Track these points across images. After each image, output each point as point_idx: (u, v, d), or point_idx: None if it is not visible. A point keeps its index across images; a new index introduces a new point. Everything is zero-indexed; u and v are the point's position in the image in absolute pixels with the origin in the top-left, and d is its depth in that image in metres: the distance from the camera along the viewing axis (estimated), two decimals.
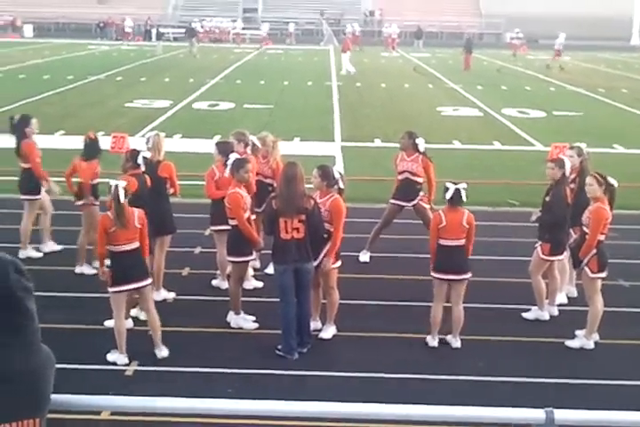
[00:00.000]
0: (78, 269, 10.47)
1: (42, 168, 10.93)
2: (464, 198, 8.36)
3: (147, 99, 27.50)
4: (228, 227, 9.04)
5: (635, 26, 71.00)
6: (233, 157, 9.00)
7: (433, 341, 8.53)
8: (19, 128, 10.95)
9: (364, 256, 11.27)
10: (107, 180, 8.46)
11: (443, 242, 8.39)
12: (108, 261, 8.08)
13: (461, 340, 8.59)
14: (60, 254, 11.20)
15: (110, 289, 7.96)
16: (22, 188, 11.09)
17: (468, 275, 8.45)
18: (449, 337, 8.56)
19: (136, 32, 62.06)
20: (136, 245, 7.93)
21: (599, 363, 8.31)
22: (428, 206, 11.00)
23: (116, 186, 7.83)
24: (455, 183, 8.42)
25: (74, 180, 10.51)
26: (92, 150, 10.43)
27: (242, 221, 8.63)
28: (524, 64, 46.14)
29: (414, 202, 11.11)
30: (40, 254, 11.11)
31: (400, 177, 11.12)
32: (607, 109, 28.09)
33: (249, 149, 10.19)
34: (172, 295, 9.63)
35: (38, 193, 11.03)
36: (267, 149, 10.32)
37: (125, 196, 7.83)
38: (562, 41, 47.54)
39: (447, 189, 8.39)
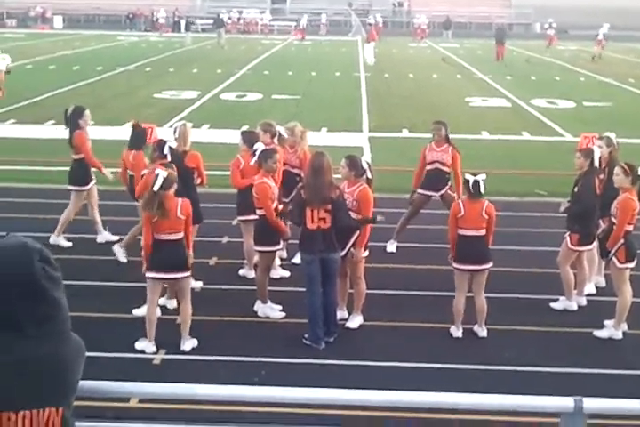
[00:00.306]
0: (122, 258, 10.50)
1: (92, 157, 11.07)
2: (482, 190, 8.31)
3: (175, 90, 27.60)
4: (255, 217, 9.07)
5: None
6: (259, 147, 9.02)
7: (457, 331, 8.51)
8: (72, 120, 11.08)
9: (392, 246, 11.26)
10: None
11: (462, 232, 8.36)
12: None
13: (489, 329, 8.56)
14: (93, 244, 11.27)
15: (146, 274, 8.00)
16: (71, 178, 11.24)
17: (489, 265, 8.41)
18: (475, 327, 8.54)
19: (166, 24, 62.28)
20: (179, 236, 7.91)
21: (628, 353, 8.26)
22: (455, 195, 10.96)
23: (157, 175, 7.83)
24: (475, 175, 8.37)
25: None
26: (138, 140, 10.43)
27: (270, 212, 8.65)
28: (554, 54, 45.76)
29: (442, 191, 11.09)
30: (69, 244, 11.20)
31: (430, 167, 11.08)
32: (638, 100, 27.80)
33: (276, 140, 10.21)
34: (199, 284, 9.67)
35: (86, 184, 11.17)
36: (295, 139, 10.33)
37: (164, 186, 7.78)
38: (605, 31, 46.53)
39: (467, 180, 8.35)
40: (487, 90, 29.52)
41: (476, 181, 8.28)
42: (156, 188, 7.80)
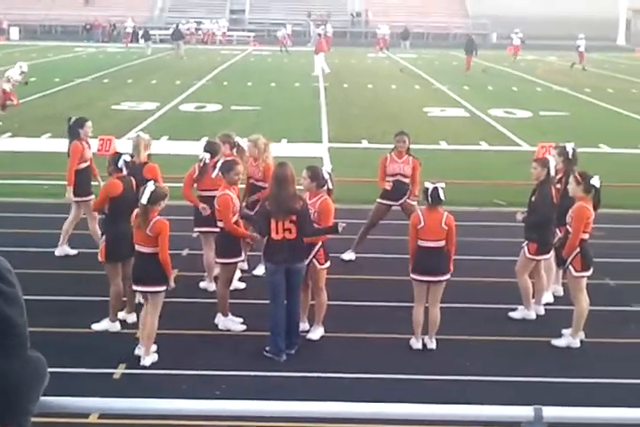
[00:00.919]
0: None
1: (72, 172, 10.92)
2: (442, 198, 8.35)
3: (133, 101, 27.47)
4: (214, 229, 9.07)
5: (620, 26, 71.32)
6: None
7: (417, 343, 8.52)
8: (72, 130, 11.09)
9: (349, 255, 11.30)
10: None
11: (422, 243, 8.38)
12: None
13: (449, 340, 8.62)
14: (52, 257, 11.18)
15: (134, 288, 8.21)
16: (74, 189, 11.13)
17: (446, 277, 8.43)
18: (425, 338, 8.54)
19: (122, 34, 61.98)
20: (150, 250, 7.89)
21: (585, 361, 8.36)
22: (415, 203, 11.06)
23: (144, 188, 7.88)
24: (433, 183, 8.42)
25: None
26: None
27: (229, 224, 8.64)
28: (511, 65, 46.26)
29: (402, 201, 11.17)
30: (75, 252, 11.25)
31: (391, 179, 11.13)
32: (593, 109, 28.21)
33: (235, 151, 10.24)
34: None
35: (86, 195, 11.09)
36: (258, 151, 10.29)
37: (150, 200, 7.78)
38: (583, 42, 46.43)
39: (426, 188, 8.39)
40: (445, 100, 29.77)
41: (435, 189, 8.32)
42: (144, 201, 7.82)
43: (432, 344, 8.50)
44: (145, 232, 7.86)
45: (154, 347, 8.08)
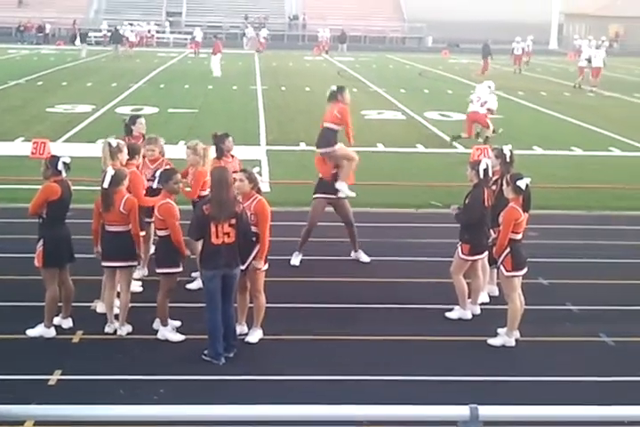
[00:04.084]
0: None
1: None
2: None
3: (69, 104, 27.11)
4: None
5: (553, 30, 72.65)
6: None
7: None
8: (127, 128, 11.04)
9: (296, 259, 11.26)
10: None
11: None
12: None
13: (387, 340, 8.69)
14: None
15: (103, 263, 8.76)
16: None
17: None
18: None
19: (57, 36, 61.17)
20: (121, 228, 8.58)
21: (521, 360, 8.49)
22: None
23: (105, 172, 8.56)
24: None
25: None
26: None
27: (176, 231, 8.57)
28: (445, 68, 46.76)
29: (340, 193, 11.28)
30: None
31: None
32: (527, 112, 28.66)
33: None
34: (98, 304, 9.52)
35: None
36: (197, 157, 10.08)
37: (112, 182, 8.46)
38: (530, 43, 46.26)
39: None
40: (382, 103, 29.97)
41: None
42: (105, 185, 8.48)
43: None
44: (118, 211, 8.52)
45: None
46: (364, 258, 11.45)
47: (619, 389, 7.82)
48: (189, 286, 10.04)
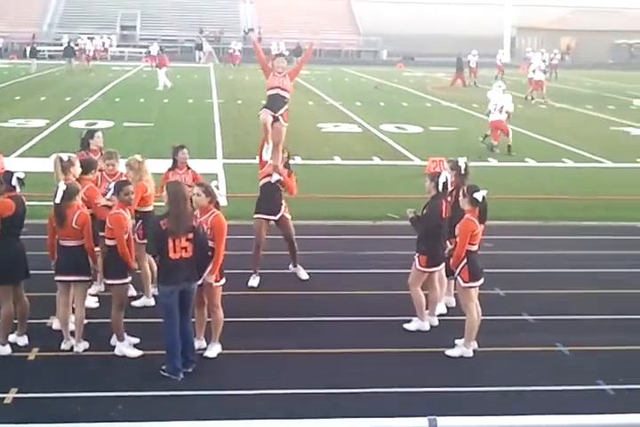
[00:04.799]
0: None
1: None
2: None
3: (22, 118, 26.83)
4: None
5: (505, 43, 73.57)
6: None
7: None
8: (84, 142, 10.99)
9: (254, 281, 10.96)
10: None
11: None
12: None
13: (346, 353, 8.70)
14: None
15: (56, 278, 8.71)
16: None
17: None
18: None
19: (9, 50, 60.61)
20: (74, 243, 8.52)
21: (479, 370, 8.55)
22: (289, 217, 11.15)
23: (57, 187, 8.52)
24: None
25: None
26: None
27: (122, 243, 8.52)
28: (400, 81, 47.11)
29: (280, 214, 11.06)
30: None
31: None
32: (481, 124, 28.92)
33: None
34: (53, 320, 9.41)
35: None
36: (134, 173, 9.90)
37: (65, 197, 8.43)
38: (475, 58, 46.89)
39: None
40: (338, 116, 30.10)
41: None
42: (57, 200, 8.44)
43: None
44: (71, 226, 8.46)
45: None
46: (303, 274, 11.20)
47: (576, 398, 7.90)
48: (134, 303, 9.94)
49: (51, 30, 70.60)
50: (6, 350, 8.50)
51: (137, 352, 8.61)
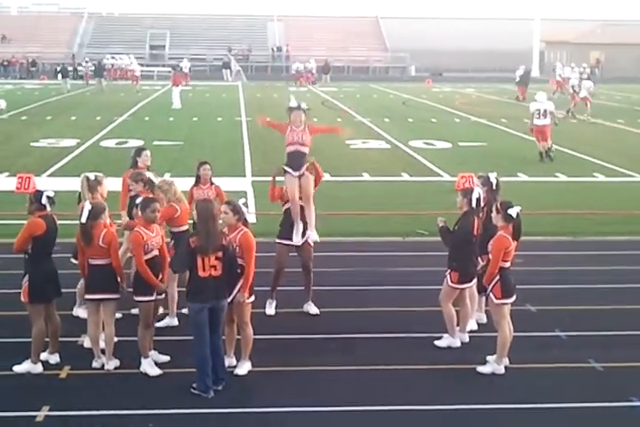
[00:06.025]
0: None
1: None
2: None
3: (53, 138, 27.14)
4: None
5: (534, 58, 73.41)
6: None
7: None
8: (133, 160, 11.32)
9: (270, 308, 10.55)
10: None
11: None
12: None
13: (377, 369, 8.65)
14: None
15: (86, 296, 8.78)
16: None
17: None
18: None
19: (40, 71, 61.40)
20: (103, 261, 8.58)
21: (511, 387, 8.47)
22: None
23: (82, 208, 8.63)
24: None
25: None
26: None
27: (139, 261, 8.54)
28: (429, 96, 47.10)
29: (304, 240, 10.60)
30: None
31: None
32: (509, 139, 28.87)
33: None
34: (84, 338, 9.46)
35: None
36: (166, 196, 9.86)
37: (90, 217, 8.50)
38: (521, 73, 46.20)
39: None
40: (367, 132, 30.12)
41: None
42: (83, 220, 8.52)
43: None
44: (98, 245, 8.51)
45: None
46: (313, 309, 10.63)
47: (609, 415, 7.80)
48: (158, 324, 9.57)
49: (81, 50, 71.46)
50: (38, 368, 8.55)
51: (157, 371, 8.58)
